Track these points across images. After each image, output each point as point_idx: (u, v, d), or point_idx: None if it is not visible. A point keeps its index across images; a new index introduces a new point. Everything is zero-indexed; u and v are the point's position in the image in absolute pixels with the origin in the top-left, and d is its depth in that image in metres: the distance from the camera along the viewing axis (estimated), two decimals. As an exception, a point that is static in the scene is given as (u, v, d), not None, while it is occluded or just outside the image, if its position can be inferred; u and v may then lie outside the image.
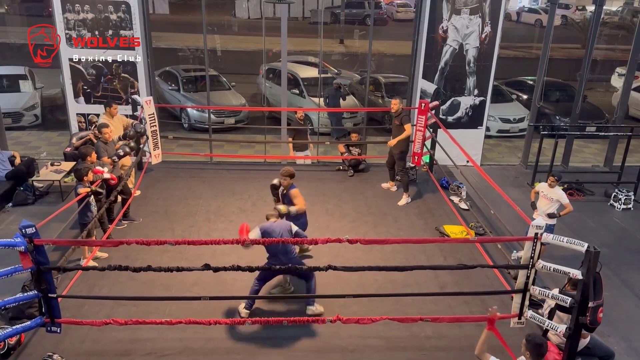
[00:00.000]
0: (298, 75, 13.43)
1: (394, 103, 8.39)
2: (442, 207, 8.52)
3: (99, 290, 6.09)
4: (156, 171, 9.39)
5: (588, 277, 4.71)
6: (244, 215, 7.88)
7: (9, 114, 11.84)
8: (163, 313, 5.69)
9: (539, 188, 7.36)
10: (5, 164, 8.70)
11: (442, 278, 6.53)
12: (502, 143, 12.58)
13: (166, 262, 6.12)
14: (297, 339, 5.46)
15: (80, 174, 6.39)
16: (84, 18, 9.28)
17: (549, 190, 7.13)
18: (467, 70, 10.20)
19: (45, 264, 4.86)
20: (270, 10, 19.34)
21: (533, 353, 4.06)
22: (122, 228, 7.49)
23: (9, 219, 7.90)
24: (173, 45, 18.78)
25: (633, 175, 9.47)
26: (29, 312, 5.47)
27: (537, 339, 4.17)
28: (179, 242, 5.32)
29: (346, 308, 5.76)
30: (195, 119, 12.40)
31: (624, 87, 10.82)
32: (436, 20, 9.86)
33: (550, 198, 7.13)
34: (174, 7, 24.37)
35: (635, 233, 8.27)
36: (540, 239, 5.03)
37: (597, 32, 10.17)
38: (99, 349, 5.26)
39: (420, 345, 5.48)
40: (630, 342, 5.81)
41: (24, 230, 4.63)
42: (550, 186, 7.10)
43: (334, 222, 7.91)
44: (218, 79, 13.74)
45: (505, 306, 5.86)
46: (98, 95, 9.79)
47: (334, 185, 9.19)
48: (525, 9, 30.02)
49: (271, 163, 10.30)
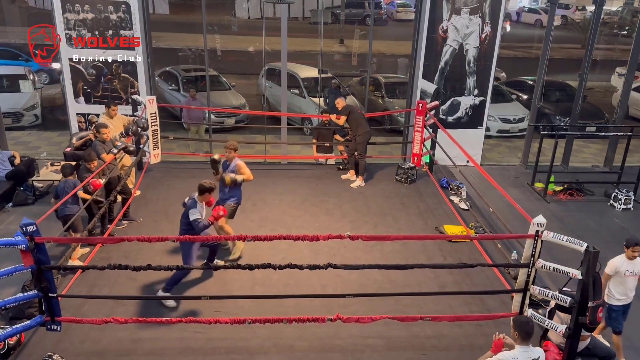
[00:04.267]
0: (298, 75, 13.43)
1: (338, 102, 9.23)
2: (442, 207, 8.53)
3: (99, 290, 6.09)
4: (156, 171, 9.40)
5: (587, 276, 4.72)
6: (244, 215, 7.88)
7: (9, 114, 11.84)
8: (163, 313, 5.69)
9: (614, 268, 5.39)
10: (5, 164, 8.69)
11: (442, 278, 6.54)
12: (502, 143, 12.58)
13: (166, 261, 6.12)
14: (297, 339, 5.46)
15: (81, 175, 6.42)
16: (84, 18, 9.28)
17: (634, 264, 5.37)
18: (467, 70, 10.21)
19: (45, 262, 4.87)
20: (270, 10, 19.35)
21: (521, 332, 4.10)
22: (122, 228, 7.49)
23: (9, 219, 7.90)
24: (173, 45, 18.79)
25: (633, 175, 9.47)
26: (29, 312, 5.47)
27: (522, 318, 4.25)
28: (180, 239, 5.35)
29: (346, 308, 5.77)
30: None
31: (624, 87, 10.82)
32: (436, 20, 9.86)
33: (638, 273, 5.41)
34: (174, 7, 24.37)
35: (635, 233, 8.25)
36: (540, 236, 5.04)
37: (597, 32, 10.17)
38: (99, 349, 5.26)
39: (420, 345, 5.48)
40: (630, 341, 5.80)
41: (24, 228, 4.63)
42: (632, 258, 5.35)
43: (334, 222, 7.91)
44: (218, 79, 13.75)
45: (505, 306, 5.88)
46: (98, 95, 9.79)
47: (334, 185, 9.19)
48: (525, 9, 30.06)
49: (271, 163, 10.31)
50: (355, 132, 9.08)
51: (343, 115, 9.08)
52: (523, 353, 4.10)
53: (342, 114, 9.08)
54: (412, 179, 9.41)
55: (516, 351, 4.12)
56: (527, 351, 4.11)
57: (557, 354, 5.10)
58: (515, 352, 4.12)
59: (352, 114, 9.06)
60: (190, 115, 11.19)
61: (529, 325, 4.14)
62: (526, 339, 4.11)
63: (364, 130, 9.01)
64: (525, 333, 4.11)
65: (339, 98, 9.38)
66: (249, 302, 5.89)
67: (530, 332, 4.13)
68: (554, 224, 8.08)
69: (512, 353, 4.12)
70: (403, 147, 10.71)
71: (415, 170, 9.49)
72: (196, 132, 11.17)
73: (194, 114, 11.13)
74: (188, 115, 11.27)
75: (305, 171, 9.81)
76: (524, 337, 4.11)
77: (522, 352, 4.10)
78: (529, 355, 4.10)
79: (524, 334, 4.10)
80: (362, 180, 9.22)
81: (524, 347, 4.12)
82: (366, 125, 9.09)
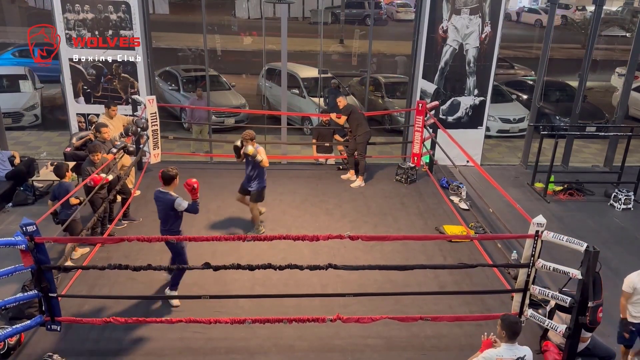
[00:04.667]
0: (298, 75, 13.43)
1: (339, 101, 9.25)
2: (442, 207, 8.53)
3: (99, 290, 6.09)
4: (156, 171, 9.34)
5: (587, 277, 4.72)
6: (244, 215, 7.89)
7: (9, 114, 11.84)
8: (163, 313, 5.69)
9: (632, 284, 5.09)
10: (5, 164, 8.69)
11: (442, 278, 6.54)
12: (502, 143, 12.58)
13: (166, 261, 6.12)
14: (297, 339, 5.46)
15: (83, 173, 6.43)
16: (84, 18, 9.28)
17: None
18: (467, 70, 10.20)
19: (45, 262, 4.87)
20: (270, 10, 19.36)
21: (508, 331, 4.07)
22: (122, 228, 7.50)
23: (9, 219, 7.90)
24: (173, 45, 18.78)
25: (633, 175, 9.46)
26: (28, 312, 5.47)
27: (511, 317, 4.19)
28: (179, 238, 5.35)
29: (346, 308, 5.77)
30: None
31: (624, 87, 10.81)
32: (436, 20, 9.86)
33: None
34: (174, 7, 24.37)
35: (635, 233, 8.27)
36: (540, 236, 5.04)
37: (597, 32, 10.17)
38: (99, 349, 5.25)
39: (420, 345, 5.48)
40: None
41: (24, 228, 4.63)
42: None
43: (334, 222, 7.91)
44: (218, 79, 13.75)
45: (505, 306, 5.88)
46: (98, 95, 9.79)
47: (334, 185, 9.19)
48: (525, 9, 30.06)
49: (271, 163, 10.26)
50: (356, 132, 9.08)
51: (344, 114, 9.08)
52: (508, 351, 4.07)
53: (343, 113, 9.08)
54: (412, 179, 9.41)
55: (501, 349, 4.09)
56: (512, 349, 4.08)
57: (557, 354, 5.11)
58: (500, 349, 4.10)
59: (353, 113, 9.06)
60: (195, 115, 11.19)
61: (517, 325, 4.09)
62: (512, 338, 4.08)
63: (364, 130, 9.01)
64: (512, 332, 4.07)
65: (340, 97, 9.38)
66: (249, 302, 5.89)
67: (517, 331, 4.08)
68: (554, 224, 8.08)
69: (497, 351, 4.10)
70: (403, 147, 10.72)
71: (415, 170, 9.49)
72: (200, 132, 11.16)
73: (198, 114, 11.13)
74: (192, 115, 11.27)
75: (305, 171, 9.82)
76: (510, 336, 4.08)
77: (507, 349, 4.07)
78: (514, 353, 4.06)
79: (510, 333, 4.07)
80: (362, 180, 9.22)
81: (509, 345, 4.08)
82: (366, 126, 9.09)
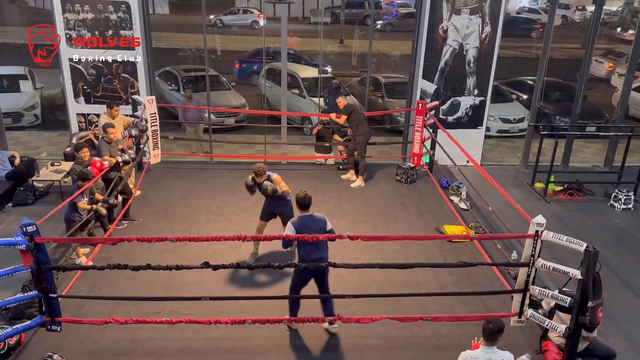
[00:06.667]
0: (298, 75, 13.43)
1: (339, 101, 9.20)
2: (442, 207, 8.53)
3: (99, 290, 6.09)
4: (156, 171, 9.40)
5: (587, 276, 4.72)
6: (244, 215, 7.89)
7: (9, 114, 11.83)
8: (163, 313, 5.69)
9: None
10: (5, 164, 8.69)
11: (442, 278, 6.53)
12: (502, 143, 12.57)
13: (166, 261, 6.11)
14: (297, 339, 5.46)
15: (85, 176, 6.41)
16: (84, 18, 9.28)
17: None
18: (467, 70, 10.20)
19: (45, 263, 4.87)
20: (270, 10, 19.37)
21: (484, 334, 4.08)
22: (122, 228, 7.49)
23: (9, 219, 7.90)
24: (173, 45, 18.78)
25: (633, 175, 9.46)
26: (29, 312, 5.47)
27: (491, 320, 4.11)
28: (180, 238, 5.33)
29: (346, 308, 5.76)
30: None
31: (624, 87, 10.81)
32: (436, 20, 9.85)
33: None
34: (174, 7, 24.40)
35: (635, 233, 8.27)
36: (540, 236, 5.04)
37: (597, 32, 10.16)
38: (99, 349, 5.26)
39: (420, 345, 5.48)
40: (631, 342, 5.80)
41: (24, 228, 4.63)
42: None
43: (334, 222, 7.82)
44: (218, 79, 13.75)
45: (505, 306, 5.87)
46: (98, 95, 9.79)
47: (334, 185, 9.19)
48: (525, 9, 30.04)
49: (271, 163, 10.30)
50: (356, 132, 9.08)
51: (344, 114, 9.08)
52: (483, 354, 4.06)
53: (344, 113, 9.08)
54: (412, 179, 9.41)
55: (478, 351, 4.10)
56: (488, 352, 4.06)
57: (557, 354, 5.11)
58: (476, 352, 4.10)
59: (353, 113, 9.06)
60: (187, 115, 11.18)
61: (491, 329, 4.04)
62: (489, 341, 4.08)
63: (364, 130, 9.01)
64: (486, 335, 4.07)
65: (341, 97, 9.38)
66: (249, 302, 5.88)
67: (493, 335, 4.06)
68: (554, 224, 8.07)
69: (473, 352, 4.11)
70: (403, 147, 10.72)
71: (415, 170, 9.49)
72: (194, 132, 11.16)
73: (190, 114, 11.11)
74: (184, 115, 11.25)
75: (305, 171, 9.81)
76: (486, 339, 4.09)
77: (482, 352, 4.07)
78: (490, 356, 4.05)
79: (485, 335, 4.08)
80: (362, 180, 9.22)
81: (486, 348, 4.08)
82: (366, 126, 9.09)
